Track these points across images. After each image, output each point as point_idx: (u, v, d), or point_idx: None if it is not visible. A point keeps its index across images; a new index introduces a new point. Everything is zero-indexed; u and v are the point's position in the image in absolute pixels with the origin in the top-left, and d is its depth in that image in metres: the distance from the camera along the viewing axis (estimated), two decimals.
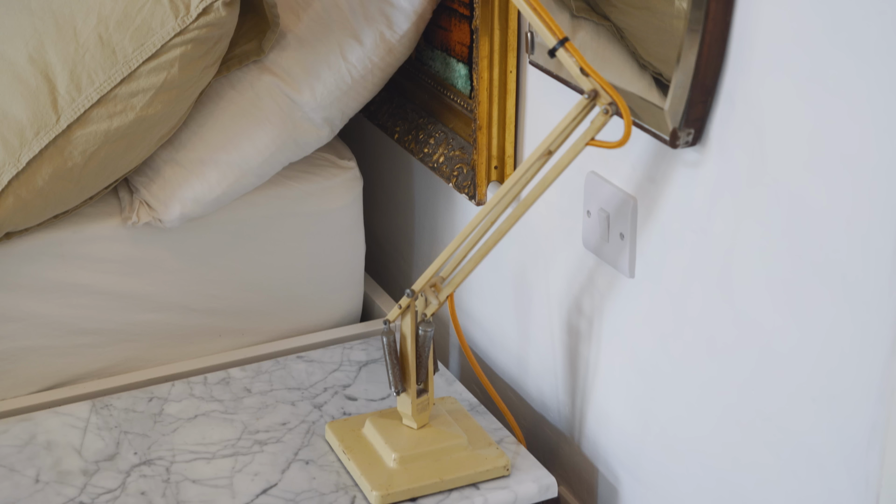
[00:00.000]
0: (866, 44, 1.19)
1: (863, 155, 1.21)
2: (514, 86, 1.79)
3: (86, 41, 1.76)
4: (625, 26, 1.53)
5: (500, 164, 1.83)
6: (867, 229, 1.22)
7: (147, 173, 1.87)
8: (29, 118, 1.74)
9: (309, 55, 1.86)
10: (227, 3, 1.75)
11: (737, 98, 1.36)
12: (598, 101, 1.42)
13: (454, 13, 1.87)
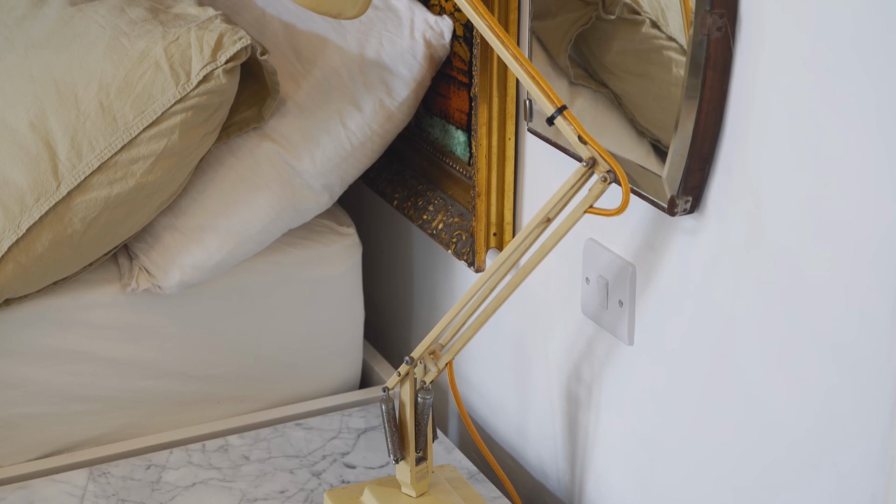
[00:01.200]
0: (864, 112, 1.19)
1: (861, 223, 1.21)
2: (512, 153, 1.79)
3: (87, 108, 1.77)
4: (623, 93, 1.54)
5: (499, 231, 1.83)
6: (866, 298, 1.22)
7: (147, 240, 1.88)
8: (29, 185, 1.75)
9: (309, 122, 1.87)
10: (228, 70, 1.76)
11: (734, 166, 1.36)
12: (597, 168, 1.43)
13: (453, 80, 1.88)
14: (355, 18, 1.68)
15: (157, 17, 1.86)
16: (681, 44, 1.41)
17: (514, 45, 1.49)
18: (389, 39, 1.89)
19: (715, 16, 1.32)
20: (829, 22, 1.22)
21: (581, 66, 1.60)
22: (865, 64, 1.18)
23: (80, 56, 1.82)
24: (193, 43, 1.78)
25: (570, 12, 1.61)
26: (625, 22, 1.52)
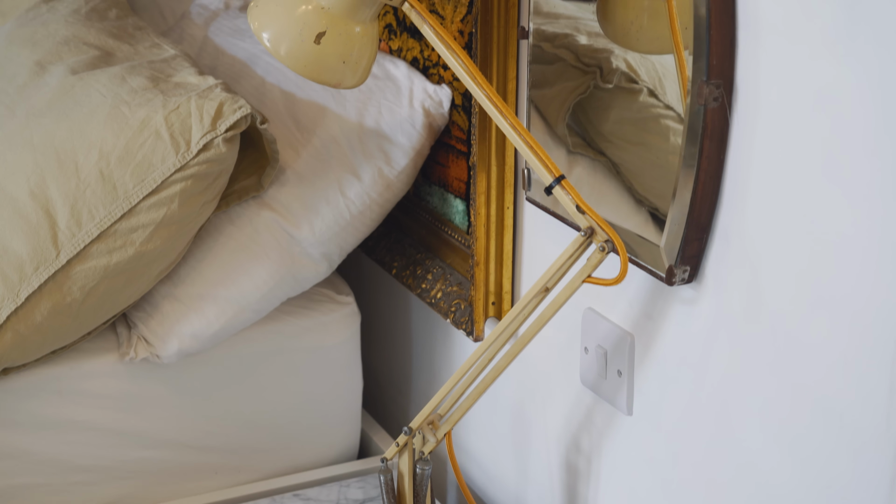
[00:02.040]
0: (860, 182, 1.19)
1: (858, 293, 1.21)
2: (511, 222, 1.79)
3: (87, 177, 1.77)
4: (621, 162, 1.54)
5: (498, 300, 1.83)
6: (863, 367, 1.21)
7: (145, 308, 1.87)
8: (29, 253, 1.75)
9: (308, 191, 1.87)
10: (228, 139, 1.77)
11: (732, 235, 1.36)
12: (595, 238, 1.43)
13: (452, 149, 1.89)
14: (355, 88, 1.69)
15: (157, 85, 1.87)
16: (678, 112, 1.42)
17: (511, 114, 1.49)
18: (388, 108, 1.89)
19: (711, 86, 1.33)
20: (826, 92, 1.22)
21: (579, 135, 1.61)
22: (863, 134, 1.18)
23: (80, 124, 1.82)
24: (194, 112, 1.79)
25: (568, 81, 1.62)
26: (622, 91, 1.53)
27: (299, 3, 1.60)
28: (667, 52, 1.45)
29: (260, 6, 1.64)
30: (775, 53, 1.28)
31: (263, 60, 2.08)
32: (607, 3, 1.54)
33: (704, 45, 1.32)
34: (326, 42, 1.59)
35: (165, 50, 2.04)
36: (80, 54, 2.01)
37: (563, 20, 1.63)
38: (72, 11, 2.17)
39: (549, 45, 1.64)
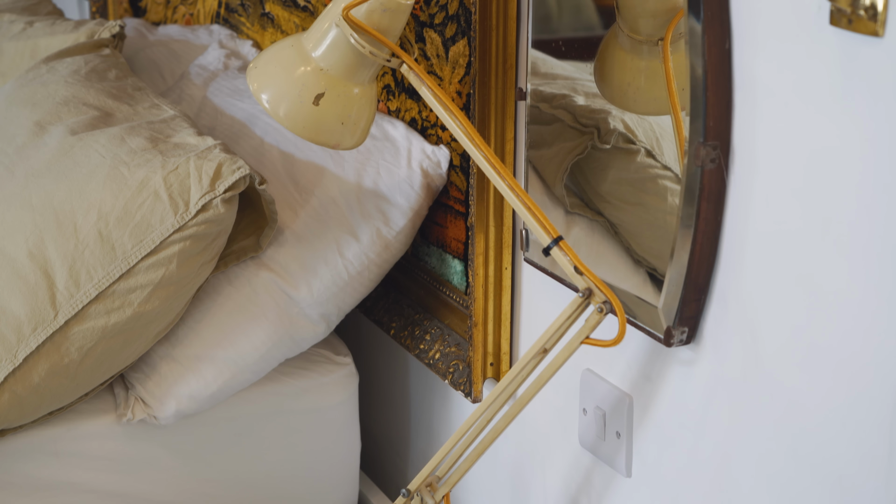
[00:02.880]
0: (857, 241, 1.19)
1: (856, 356, 1.21)
2: (509, 282, 1.79)
3: (86, 237, 1.78)
4: (619, 222, 1.54)
5: (496, 361, 1.83)
6: (862, 430, 1.21)
7: (143, 369, 1.87)
8: (27, 314, 1.74)
9: (306, 251, 1.87)
10: (226, 199, 1.77)
11: (730, 297, 1.36)
12: (593, 299, 1.42)
13: (450, 210, 1.89)
14: (353, 149, 1.69)
15: (156, 146, 1.88)
16: (676, 173, 1.42)
17: (510, 175, 1.50)
18: (387, 169, 1.90)
19: (709, 147, 1.33)
20: (822, 152, 1.22)
21: (577, 195, 1.61)
22: (858, 193, 1.19)
23: (79, 185, 1.82)
24: (192, 172, 1.79)
25: (566, 142, 1.62)
26: (620, 151, 1.53)
27: (298, 65, 1.61)
28: (664, 114, 1.46)
29: (259, 67, 1.64)
30: (771, 115, 1.28)
31: (262, 121, 2.09)
32: (604, 65, 1.55)
33: (701, 106, 1.33)
34: (325, 103, 1.60)
35: (164, 110, 2.05)
36: (79, 115, 2.01)
37: (561, 81, 1.64)
38: (71, 72, 2.17)
39: (547, 106, 1.64)
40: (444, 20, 1.83)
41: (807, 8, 1.21)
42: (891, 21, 1.12)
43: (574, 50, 1.63)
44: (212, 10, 2.67)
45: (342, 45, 1.59)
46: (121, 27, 2.44)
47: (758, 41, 1.29)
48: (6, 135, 2.03)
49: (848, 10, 1.15)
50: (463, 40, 1.79)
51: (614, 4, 1.51)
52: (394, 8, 1.57)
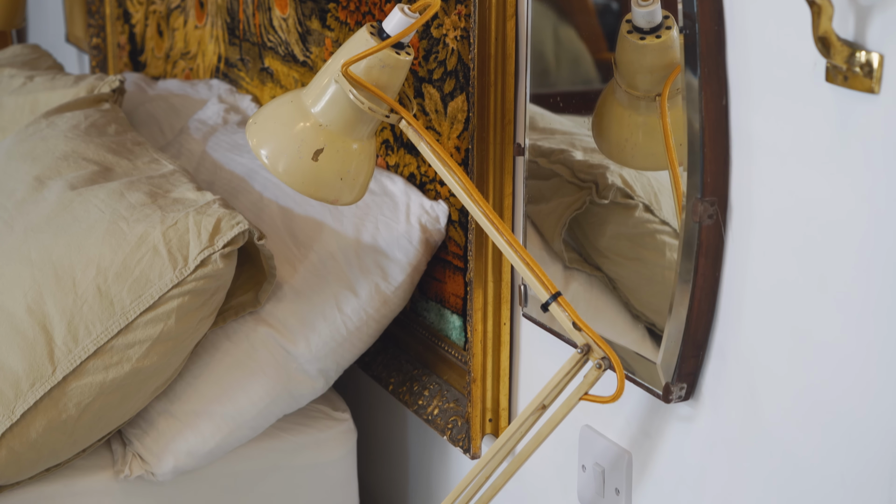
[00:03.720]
0: (855, 297, 1.19)
1: (856, 411, 1.20)
2: (507, 338, 1.79)
3: (84, 292, 1.77)
4: (617, 277, 1.54)
5: (495, 417, 1.82)
6: (862, 487, 1.20)
7: (141, 425, 1.86)
8: (25, 369, 1.74)
9: (305, 307, 1.87)
10: (225, 255, 1.77)
11: (728, 352, 1.36)
12: (591, 355, 1.42)
13: (448, 265, 1.89)
14: (352, 204, 1.70)
15: (156, 201, 1.88)
16: (674, 228, 1.42)
17: (508, 230, 1.50)
18: (385, 224, 1.90)
19: (706, 203, 1.33)
20: (819, 208, 1.22)
21: (575, 250, 1.61)
22: (855, 249, 1.19)
23: (78, 240, 1.83)
24: (191, 227, 1.79)
25: (564, 197, 1.62)
26: (618, 206, 1.54)
27: (297, 120, 1.62)
28: (662, 169, 1.46)
29: (258, 123, 1.65)
30: (768, 171, 1.29)
31: (261, 176, 2.09)
32: (602, 120, 1.56)
33: (699, 162, 1.33)
34: (324, 159, 1.61)
35: (164, 165, 2.05)
36: (79, 169, 2.02)
37: (559, 135, 1.64)
38: (71, 127, 2.18)
39: (545, 161, 1.65)
40: (442, 75, 1.84)
41: (803, 65, 1.21)
42: (886, 78, 1.13)
43: (572, 105, 1.64)
44: (211, 64, 2.68)
45: (341, 100, 1.60)
46: (121, 82, 2.45)
47: (754, 97, 1.29)
48: (6, 189, 2.03)
49: (844, 68, 1.15)
50: (461, 96, 1.80)
51: (612, 60, 1.51)
52: (392, 64, 1.58)
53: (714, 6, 1.30)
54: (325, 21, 2.17)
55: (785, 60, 1.24)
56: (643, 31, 1.45)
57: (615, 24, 1.52)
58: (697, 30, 1.30)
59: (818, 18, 1.14)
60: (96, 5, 3.23)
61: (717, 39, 1.31)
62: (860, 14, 1.14)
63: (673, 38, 1.41)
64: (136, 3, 3.06)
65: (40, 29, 4.18)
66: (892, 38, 1.12)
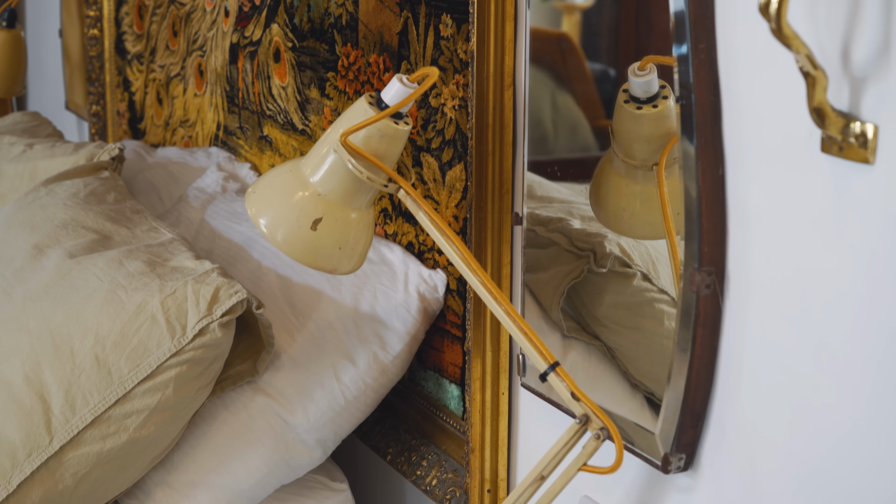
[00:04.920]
0: (852, 367, 1.19)
1: (855, 482, 1.20)
2: (506, 408, 1.78)
3: (82, 361, 1.77)
4: (616, 346, 1.54)
5: (493, 488, 1.81)
6: None
7: (137, 496, 1.85)
8: (22, 439, 1.73)
9: (303, 376, 1.87)
10: (224, 324, 1.77)
11: (727, 423, 1.35)
12: (590, 425, 1.42)
13: (447, 334, 1.89)
14: (351, 273, 1.70)
15: (154, 270, 1.88)
16: (672, 296, 1.42)
17: (506, 300, 1.50)
18: (384, 293, 1.90)
19: (703, 273, 1.34)
20: (816, 277, 1.23)
21: (574, 319, 1.61)
22: (853, 318, 1.19)
23: (77, 309, 1.83)
24: (190, 296, 1.79)
25: (562, 265, 1.63)
26: (616, 275, 1.54)
27: (296, 190, 1.62)
28: (659, 238, 1.47)
29: (257, 192, 1.65)
30: (765, 240, 1.29)
31: (259, 244, 2.10)
32: (599, 189, 1.56)
33: (696, 232, 1.33)
34: (323, 228, 1.61)
35: (163, 234, 2.06)
36: (77, 238, 2.02)
37: (557, 204, 1.65)
38: (70, 195, 2.19)
39: (543, 229, 1.65)
40: (440, 145, 1.85)
41: (798, 135, 1.22)
42: (881, 149, 1.13)
43: (569, 172, 1.64)
44: (210, 132, 2.70)
45: (340, 170, 1.60)
46: (120, 150, 2.46)
47: (751, 167, 1.30)
48: (4, 258, 2.03)
49: (839, 138, 1.16)
50: (459, 165, 1.80)
51: (609, 130, 1.52)
52: (391, 134, 1.59)
53: (710, 77, 1.31)
54: (324, 90, 2.18)
55: (780, 131, 1.25)
56: (640, 100, 1.46)
57: (613, 91, 1.53)
58: (694, 100, 1.31)
59: (813, 89, 1.14)
60: (96, 73, 3.25)
61: (713, 110, 1.31)
62: (854, 85, 1.15)
63: (669, 107, 1.42)
64: (136, 70, 3.08)
65: (40, 96, 4.21)
66: (886, 109, 1.13)
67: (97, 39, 3.22)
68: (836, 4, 1.16)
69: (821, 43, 1.17)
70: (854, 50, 1.15)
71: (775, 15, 1.09)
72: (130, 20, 3.09)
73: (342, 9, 2.10)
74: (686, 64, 1.30)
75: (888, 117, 1.12)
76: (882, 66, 1.12)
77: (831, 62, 1.17)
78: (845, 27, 1.15)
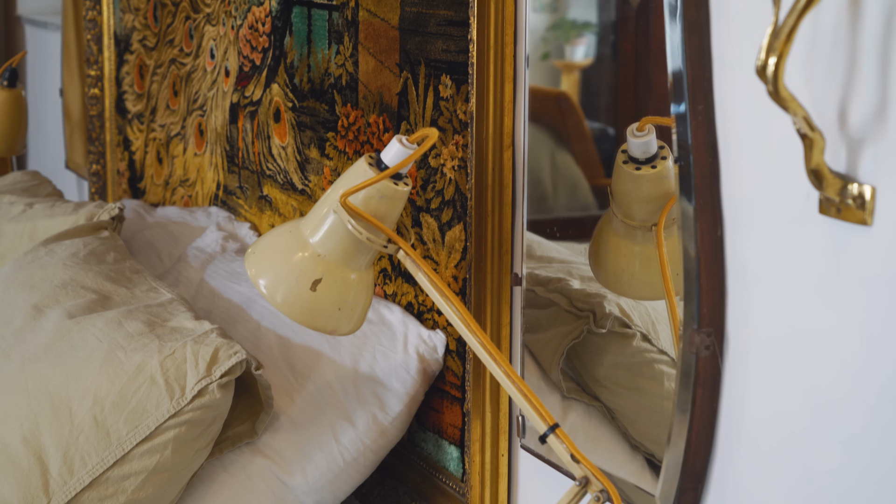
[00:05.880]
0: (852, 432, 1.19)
1: None
2: (506, 469, 1.78)
3: (80, 422, 1.77)
4: (616, 407, 1.54)
5: None
6: None
7: None
8: (19, 501, 1.73)
9: (302, 437, 1.86)
10: (223, 385, 1.77)
11: (727, 484, 1.35)
12: (590, 487, 1.41)
13: (446, 395, 1.88)
14: (350, 334, 1.69)
15: (153, 330, 1.88)
16: (672, 357, 1.42)
17: (505, 361, 1.49)
18: (383, 353, 1.90)
19: (703, 334, 1.33)
20: (814, 338, 1.22)
21: (573, 380, 1.61)
22: (852, 379, 1.18)
23: (76, 369, 1.82)
24: (189, 357, 1.79)
25: (562, 326, 1.63)
26: (616, 336, 1.54)
27: (296, 250, 1.62)
28: (659, 298, 1.47)
29: (257, 253, 1.65)
30: (764, 301, 1.29)
31: (259, 304, 2.09)
32: (599, 250, 1.57)
33: (695, 293, 1.33)
34: (322, 289, 1.61)
35: (162, 294, 2.06)
36: (77, 298, 2.02)
37: (556, 264, 1.65)
38: (70, 255, 2.19)
39: (543, 290, 1.65)
40: (440, 205, 1.85)
41: (796, 196, 1.22)
42: (879, 210, 1.14)
43: (569, 232, 1.65)
44: (210, 191, 2.70)
45: (340, 230, 1.60)
46: (120, 209, 2.46)
47: (749, 228, 1.30)
48: (4, 318, 2.03)
49: (836, 200, 1.16)
50: (459, 225, 1.81)
51: (608, 190, 1.52)
52: (391, 195, 1.59)
53: (708, 138, 1.31)
54: (324, 150, 2.19)
55: (779, 192, 1.25)
56: (639, 161, 1.47)
57: (612, 150, 1.53)
58: (692, 161, 1.31)
59: (810, 151, 1.15)
60: (97, 132, 3.26)
61: (711, 171, 1.32)
62: (852, 147, 1.16)
63: (668, 167, 1.43)
64: (137, 130, 3.09)
65: (40, 155, 4.22)
66: (883, 171, 1.13)
67: (98, 99, 3.23)
68: (833, 66, 1.16)
69: (818, 104, 1.18)
70: (851, 111, 1.15)
71: (772, 77, 1.10)
72: (131, 80, 3.10)
73: (342, 69, 2.11)
74: (684, 125, 1.30)
75: (886, 179, 1.13)
76: (879, 127, 1.13)
77: (828, 123, 1.17)
78: (842, 88, 1.16)
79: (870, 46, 1.13)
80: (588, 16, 1.66)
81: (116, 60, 3.18)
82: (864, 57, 1.13)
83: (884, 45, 1.12)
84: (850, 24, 1.14)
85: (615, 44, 1.60)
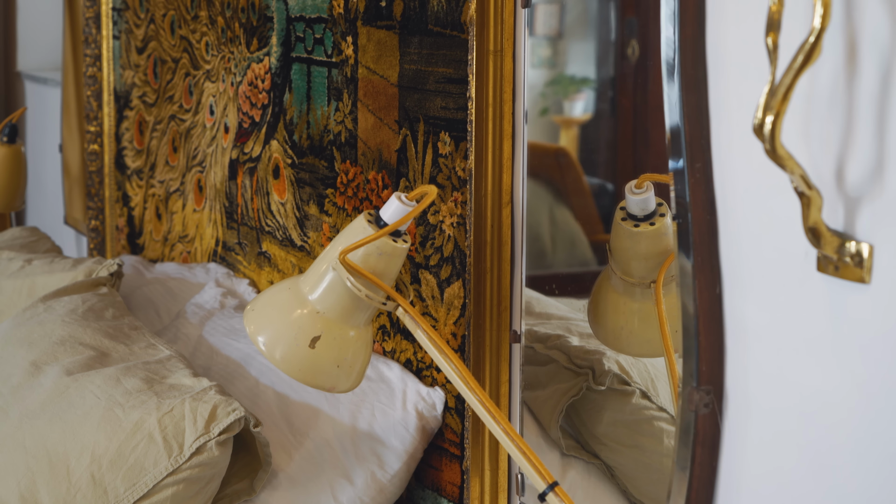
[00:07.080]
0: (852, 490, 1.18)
1: None
2: None
3: (78, 481, 1.76)
4: (615, 465, 1.53)
5: None
6: None
7: None
8: None
9: (300, 495, 1.85)
10: (221, 442, 1.76)
11: None
12: None
13: (445, 452, 1.88)
14: (349, 392, 1.69)
15: (152, 387, 1.88)
16: (671, 414, 1.42)
17: (504, 419, 1.49)
18: (382, 411, 1.89)
19: (702, 392, 1.33)
20: (814, 398, 1.22)
21: (573, 437, 1.60)
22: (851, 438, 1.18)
23: (73, 427, 1.82)
24: (187, 414, 1.78)
25: (561, 383, 1.62)
26: (615, 393, 1.53)
27: (295, 308, 1.62)
28: (657, 356, 1.47)
29: (256, 310, 1.65)
30: (763, 359, 1.28)
31: (257, 361, 2.09)
32: (597, 307, 1.57)
33: (694, 350, 1.33)
34: (321, 346, 1.60)
35: (160, 350, 2.05)
36: (75, 354, 2.02)
37: (555, 321, 1.65)
38: (69, 311, 2.19)
39: (542, 346, 1.65)
40: (439, 262, 1.85)
41: (794, 255, 1.22)
42: (877, 268, 1.14)
43: (568, 289, 1.65)
44: (209, 248, 2.70)
45: (338, 287, 1.60)
46: (118, 266, 2.46)
47: (748, 286, 1.30)
48: (2, 375, 2.03)
49: (834, 258, 1.16)
50: (458, 282, 1.81)
51: (607, 246, 1.52)
52: (390, 252, 1.59)
53: (706, 195, 1.31)
54: (323, 206, 2.20)
55: (777, 249, 1.25)
56: (637, 218, 1.47)
57: (611, 205, 1.53)
58: (690, 219, 1.31)
59: (808, 209, 1.15)
60: (96, 188, 3.27)
61: (709, 228, 1.32)
62: (849, 205, 1.16)
63: (667, 224, 1.43)
64: (136, 185, 3.10)
65: (39, 211, 4.23)
66: (881, 229, 1.13)
67: (97, 154, 3.24)
68: (830, 124, 1.17)
69: (815, 162, 1.18)
70: (848, 169, 1.16)
71: (769, 136, 1.10)
72: (131, 136, 3.11)
73: (341, 126, 2.12)
74: (682, 182, 1.31)
75: (883, 237, 1.13)
76: (876, 185, 1.13)
77: (826, 182, 1.17)
78: (839, 147, 1.16)
79: (866, 104, 1.13)
80: (586, 71, 1.67)
81: (116, 116, 3.20)
82: (861, 115, 1.14)
83: (880, 103, 1.12)
84: (847, 83, 1.15)
85: (613, 100, 1.61)
